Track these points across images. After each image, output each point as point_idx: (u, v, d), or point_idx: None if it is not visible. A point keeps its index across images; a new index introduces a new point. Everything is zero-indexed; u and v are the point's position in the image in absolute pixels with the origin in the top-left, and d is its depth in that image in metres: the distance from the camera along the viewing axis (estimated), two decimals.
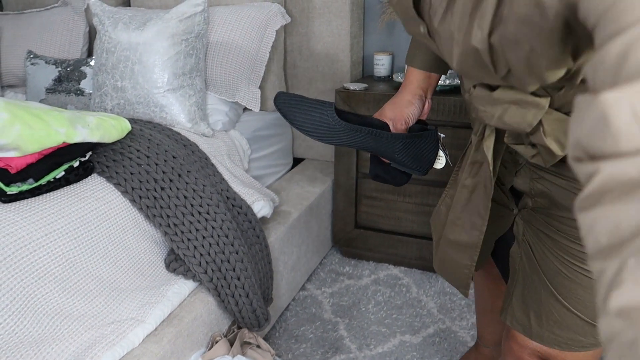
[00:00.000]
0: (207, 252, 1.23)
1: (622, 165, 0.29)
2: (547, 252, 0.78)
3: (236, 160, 1.63)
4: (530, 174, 0.79)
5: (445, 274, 0.93)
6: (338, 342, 1.57)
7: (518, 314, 0.84)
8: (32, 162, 1.09)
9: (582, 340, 0.78)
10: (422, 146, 0.83)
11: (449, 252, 0.88)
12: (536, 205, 0.79)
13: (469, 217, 0.82)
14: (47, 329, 0.96)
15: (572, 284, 0.75)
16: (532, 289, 0.81)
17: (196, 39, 1.56)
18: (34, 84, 1.78)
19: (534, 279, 0.81)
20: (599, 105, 0.30)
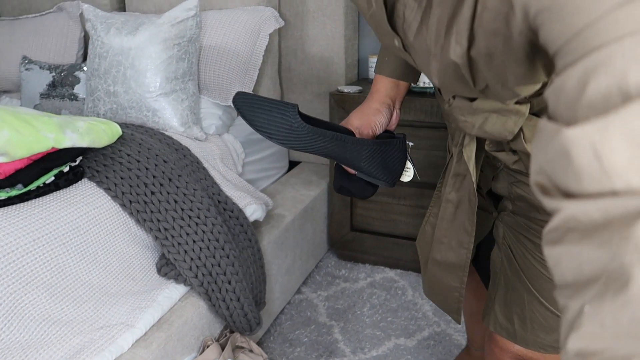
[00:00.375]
0: (197, 256, 1.22)
1: (584, 207, 0.30)
2: (528, 254, 0.77)
3: (229, 164, 1.63)
4: (508, 179, 0.78)
5: (434, 297, 0.90)
6: (332, 346, 1.56)
7: (501, 319, 0.82)
8: (21, 168, 1.09)
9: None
10: (390, 154, 0.79)
11: (437, 273, 0.85)
12: (516, 208, 0.79)
13: (455, 235, 0.80)
14: (35, 335, 0.96)
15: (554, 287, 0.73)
16: (515, 292, 0.80)
17: (188, 43, 1.56)
18: (28, 90, 1.79)
19: (516, 282, 0.80)
20: (562, 140, 0.31)
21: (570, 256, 0.31)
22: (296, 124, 0.71)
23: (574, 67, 0.32)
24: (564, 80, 0.32)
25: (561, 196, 0.32)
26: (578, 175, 0.30)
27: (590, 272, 0.29)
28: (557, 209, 0.32)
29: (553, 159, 0.32)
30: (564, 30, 0.33)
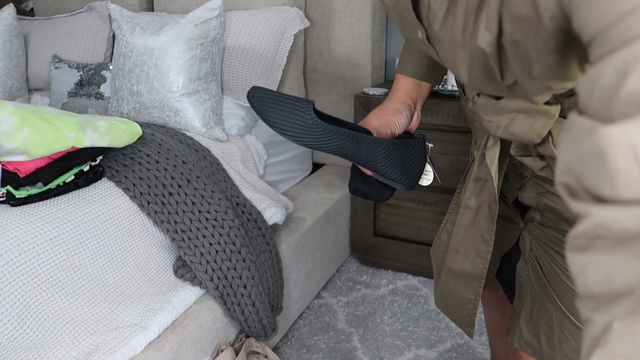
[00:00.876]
0: (213, 259, 1.21)
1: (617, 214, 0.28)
2: (557, 268, 0.72)
3: (250, 166, 1.61)
4: (536, 188, 0.73)
5: (447, 309, 0.86)
6: (350, 354, 1.53)
7: (527, 335, 0.78)
8: (41, 166, 1.10)
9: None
10: (408, 155, 0.75)
11: (450, 283, 0.81)
12: (544, 220, 0.74)
13: (473, 243, 0.75)
14: (49, 334, 0.96)
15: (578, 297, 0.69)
16: (542, 307, 0.75)
17: (212, 44, 1.55)
18: (57, 88, 1.82)
19: (543, 297, 0.75)
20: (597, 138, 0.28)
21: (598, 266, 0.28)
22: (310, 121, 0.68)
23: (612, 57, 0.28)
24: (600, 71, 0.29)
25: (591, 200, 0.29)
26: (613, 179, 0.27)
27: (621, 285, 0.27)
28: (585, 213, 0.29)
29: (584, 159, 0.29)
30: (603, 15, 0.30)
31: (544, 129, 0.60)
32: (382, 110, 0.77)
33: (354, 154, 0.72)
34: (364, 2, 1.91)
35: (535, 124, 0.60)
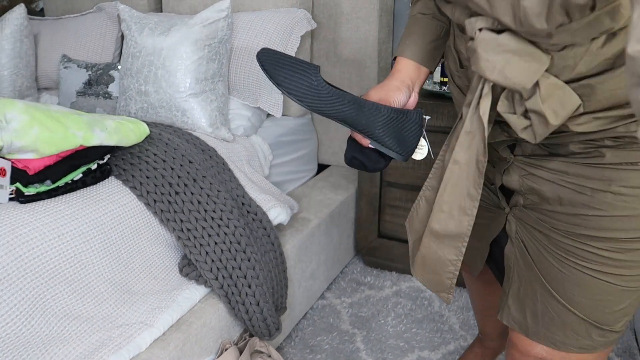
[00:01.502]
0: (218, 258, 1.22)
1: None
2: (541, 248, 0.76)
3: (256, 166, 1.62)
4: (519, 172, 0.78)
5: (426, 276, 0.84)
6: (354, 355, 1.53)
7: (514, 313, 0.82)
8: (50, 164, 1.11)
9: (578, 340, 0.76)
10: (406, 125, 0.78)
11: (432, 247, 0.79)
12: (527, 202, 0.78)
13: (458, 201, 0.74)
14: (55, 330, 0.97)
15: (566, 280, 0.74)
16: (528, 286, 0.79)
17: (219, 44, 1.56)
18: (66, 87, 1.84)
19: (529, 276, 0.79)
20: None
21: None
22: (316, 83, 0.71)
23: None
24: None
25: None
26: None
27: None
28: None
29: None
30: None
31: (535, 75, 0.61)
32: (384, 87, 0.79)
33: (355, 119, 0.74)
34: (371, 4, 1.92)
35: (528, 69, 0.61)
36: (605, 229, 0.69)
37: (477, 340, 1.34)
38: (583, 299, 0.73)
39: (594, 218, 0.70)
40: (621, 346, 1.54)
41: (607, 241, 0.70)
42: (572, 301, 0.74)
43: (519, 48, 0.61)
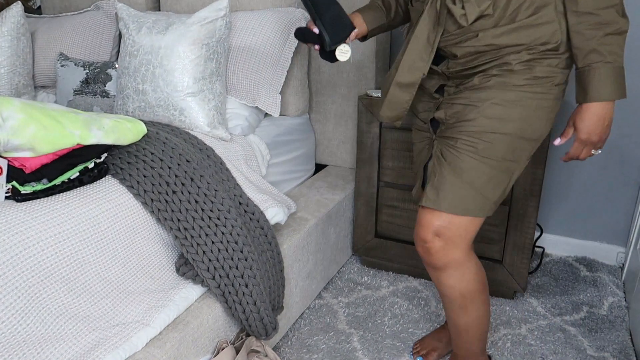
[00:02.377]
0: (215, 257, 1.22)
1: None
2: (451, 149, 1.12)
3: (253, 166, 1.62)
4: (444, 107, 1.16)
5: (389, 112, 1.19)
6: (350, 355, 1.53)
7: (429, 195, 1.14)
8: (47, 163, 1.11)
9: (468, 205, 1.11)
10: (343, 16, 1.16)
11: (396, 93, 1.15)
12: (447, 125, 1.14)
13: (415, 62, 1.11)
14: (51, 329, 0.97)
15: (464, 164, 1.10)
16: (440, 176, 1.13)
17: (217, 44, 1.56)
18: (63, 85, 1.83)
19: (442, 169, 1.13)
20: None
21: None
22: None
23: None
24: None
25: None
26: None
27: None
28: None
29: None
30: None
31: None
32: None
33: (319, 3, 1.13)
34: None
35: None
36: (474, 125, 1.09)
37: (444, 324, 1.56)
38: (475, 178, 1.10)
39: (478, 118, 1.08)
40: (617, 347, 1.55)
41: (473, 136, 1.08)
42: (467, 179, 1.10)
43: None
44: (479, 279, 1.20)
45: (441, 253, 1.14)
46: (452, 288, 1.19)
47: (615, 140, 1.92)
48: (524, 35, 1.03)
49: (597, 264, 2.02)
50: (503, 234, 1.73)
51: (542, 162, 1.59)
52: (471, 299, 1.21)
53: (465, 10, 1.03)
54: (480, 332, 1.27)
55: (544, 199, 2.10)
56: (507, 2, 1.02)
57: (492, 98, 1.07)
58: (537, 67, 1.05)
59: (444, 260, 1.15)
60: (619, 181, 1.96)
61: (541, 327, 1.65)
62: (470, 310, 1.22)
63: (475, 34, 1.06)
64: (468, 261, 1.17)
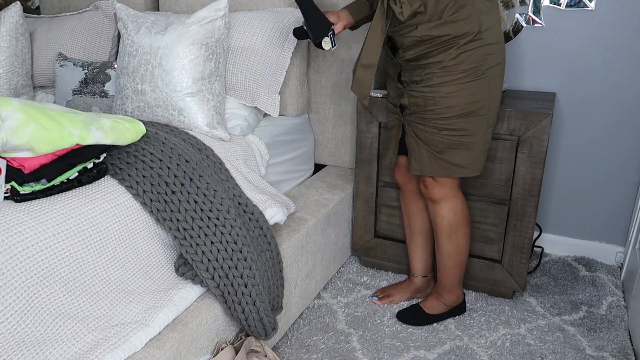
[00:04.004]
0: (215, 257, 1.22)
1: None
2: (424, 131, 1.45)
3: (252, 166, 1.62)
4: (406, 95, 1.46)
5: (358, 89, 1.44)
6: (350, 355, 1.53)
7: (415, 165, 1.50)
8: (46, 163, 1.11)
9: (441, 169, 1.47)
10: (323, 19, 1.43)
11: (361, 72, 1.41)
12: (411, 111, 1.46)
13: (373, 47, 1.39)
14: (50, 329, 0.97)
15: (432, 140, 1.44)
16: (418, 152, 1.48)
17: (216, 44, 1.56)
18: (62, 86, 1.83)
19: (418, 147, 1.47)
20: None
21: None
22: None
23: None
24: None
25: None
26: None
27: None
28: None
29: None
30: None
31: None
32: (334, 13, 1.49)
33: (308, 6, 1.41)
34: None
35: None
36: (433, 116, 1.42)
37: (408, 278, 1.84)
38: (440, 147, 1.44)
39: (436, 108, 1.40)
40: (616, 346, 1.55)
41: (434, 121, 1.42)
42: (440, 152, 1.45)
43: None
44: (464, 212, 1.57)
45: (436, 189, 1.53)
46: (443, 217, 1.55)
47: (613, 140, 1.92)
48: (449, 28, 1.32)
49: (596, 264, 2.02)
50: (502, 234, 1.73)
51: (541, 162, 1.60)
52: (455, 229, 1.56)
53: (402, 9, 1.31)
54: (459, 260, 1.62)
55: (543, 199, 2.10)
56: (436, 3, 1.32)
57: (439, 92, 1.38)
58: (466, 61, 1.35)
59: (437, 195, 1.53)
60: (618, 181, 1.96)
61: (540, 326, 1.65)
62: (453, 238, 1.57)
63: (415, 26, 1.35)
64: (456, 197, 1.55)
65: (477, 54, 1.35)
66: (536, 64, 1.95)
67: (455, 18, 1.32)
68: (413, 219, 1.73)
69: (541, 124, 1.57)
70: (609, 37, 1.82)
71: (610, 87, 1.87)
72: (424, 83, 1.39)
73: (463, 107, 1.39)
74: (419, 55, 1.37)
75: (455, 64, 1.35)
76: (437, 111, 1.40)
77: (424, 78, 1.39)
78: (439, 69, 1.36)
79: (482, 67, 1.36)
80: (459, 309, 1.70)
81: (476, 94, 1.38)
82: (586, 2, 1.82)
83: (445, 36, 1.33)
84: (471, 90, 1.38)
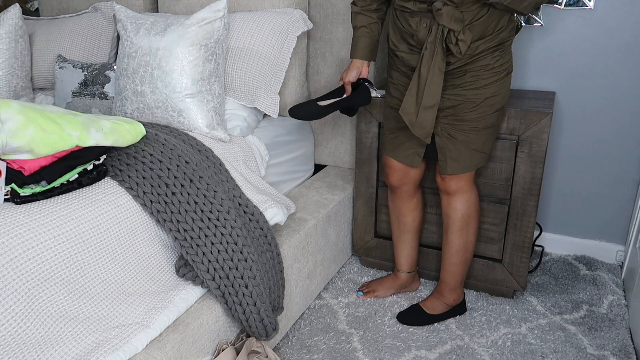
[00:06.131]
0: (215, 258, 1.22)
1: None
2: (459, 131, 1.48)
3: (252, 166, 1.62)
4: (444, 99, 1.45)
5: (420, 130, 1.44)
6: (351, 355, 1.53)
7: (452, 165, 1.52)
8: (46, 165, 1.11)
9: (478, 163, 1.53)
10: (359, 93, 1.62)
11: (423, 114, 1.42)
12: (448, 113, 1.47)
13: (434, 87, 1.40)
14: (51, 331, 0.97)
15: (471, 139, 1.48)
16: (455, 151, 1.50)
17: (216, 45, 1.56)
18: (61, 87, 1.83)
19: (456, 146, 1.49)
20: None
21: None
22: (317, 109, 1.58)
23: None
24: None
25: None
26: None
27: None
28: None
29: None
30: None
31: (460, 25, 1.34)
32: (349, 70, 1.59)
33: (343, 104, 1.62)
34: None
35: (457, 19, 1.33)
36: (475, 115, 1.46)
37: (393, 273, 1.85)
38: (478, 143, 1.50)
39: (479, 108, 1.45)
40: (617, 345, 1.55)
41: (476, 121, 1.46)
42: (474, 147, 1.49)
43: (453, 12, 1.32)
44: (476, 205, 1.61)
45: (453, 182, 1.56)
46: (457, 210, 1.59)
47: (614, 138, 1.92)
48: (498, 39, 1.39)
49: (597, 263, 2.02)
50: (502, 233, 1.73)
51: (541, 162, 1.60)
52: (467, 223, 1.59)
53: (459, 48, 1.35)
54: (466, 257, 1.64)
55: (543, 198, 2.10)
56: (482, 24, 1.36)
57: (484, 93, 1.43)
58: (506, 61, 1.44)
59: (454, 188, 1.57)
60: (618, 179, 1.96)
61: (541, 325, 1.65)
62: (464, 233, 1.60)
63: None
64: (471, 190, 1.59)
65: (509, 53, 1.45)
66: (535, 64, 1.95)
67: (502, 29, 1.38)
68: (403, 219, 1.74)
69: (541, 123, 1.57)
70: (609, 36, 1.83)
71: (610, 86, 1.87)
72: (466, 86, 1.42)
73: (500, 104, 1.47)
74: (464, 63, 1.40)
75: (500, 64, 1.42)
76: (479, 111, 1.44)
77: (468, 81, 1.42)
78: (486, 71, 1.41)
79: (510, 65, 1.47)
80: (459, 309, 1.70)
81: (507, 90, 1.48)
82: (585, 1, 1.82)
83: (497, 43, 1.39)
84: (506, 87, 1.47)
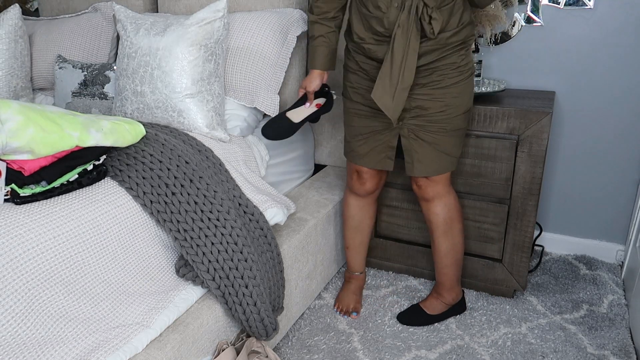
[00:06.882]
0: (215, 258, 1.22)
1: None
2: (426, 132, 1.45)
3: (252, 166, 1.62)
4: (410, 99, 1.43)
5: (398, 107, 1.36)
6: (351, 355, 1.53)
7: (418, 167, 1.49)
8: (46, 165, 1.11)
9: (446, 166, 1.50)
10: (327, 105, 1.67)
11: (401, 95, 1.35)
12: (415, 114, 1.44)
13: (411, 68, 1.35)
14: (51, 332, 0.97)
15: (439, 141, 1.46)
16: (421, 153, 1.48)
17: (215, 45, 1.56)
18: (61, 88, 1.83)
19: (422, 148, 1.47)
20: None
21: None
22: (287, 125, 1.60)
23: None
24: None
25: None
26: None
27: None
28: None
29: None
30: None
31: None
32: (311, 80, 1.58)
33: None
34: None
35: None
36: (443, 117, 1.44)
37: (349, 278, 1.80)
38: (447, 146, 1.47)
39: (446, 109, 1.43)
40: (617, 345, 1.55)
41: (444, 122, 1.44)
42: (443, 149, 1.47)
43: None
44: (457, 207, 1.58)
45: (430, 188, 1.54)
46: (438, 215, 1.57)
47: (614, 138, 1.92)
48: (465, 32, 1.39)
49: (597, 262, 2.02)
50: (502, 233, 1.73)
51: (541, 161, 1.60)
52: (450, 226, 1.58)
53: (432, 27, 1.32)
54: (456, 258, 1.63)
55: (543, 198, 2.10)
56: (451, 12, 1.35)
57: (451, 92, 1.41)
58: (469, 61, 1.43)
59: (432, 194, 1.55)
60: (618, 179, 1.96)
61: (541, 325, 1.65)
62: (449, 236, 1.59)
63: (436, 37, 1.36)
64: (449, 193, 1.57)
65: (470, 54, 1.46)
66: (535, 63, 1.95)
67: (465, 23, 1.38)
68: (364, 224, 1.71)
69: (541, 123, 1.57)
70: (608, 35, 1.83)
71: (609, 85, 1.87)
72: (433, 85, 1.40)
73: (467, 106, 1.45)
74: (433, 60, 1.38)
75: (465, 63, 1.42)
76: (447, 111, 1.42)
77: (435, 80, 1.40)
78: (452, 70, 1.40)
79: (472, 66, 1.46)
80: (459, 307, 1.70)
81: (471, 91, 1.47)
82: (585, 1, 1.82)
83: (462, 40, 1.38)
84: (470, 87, 1.46)
